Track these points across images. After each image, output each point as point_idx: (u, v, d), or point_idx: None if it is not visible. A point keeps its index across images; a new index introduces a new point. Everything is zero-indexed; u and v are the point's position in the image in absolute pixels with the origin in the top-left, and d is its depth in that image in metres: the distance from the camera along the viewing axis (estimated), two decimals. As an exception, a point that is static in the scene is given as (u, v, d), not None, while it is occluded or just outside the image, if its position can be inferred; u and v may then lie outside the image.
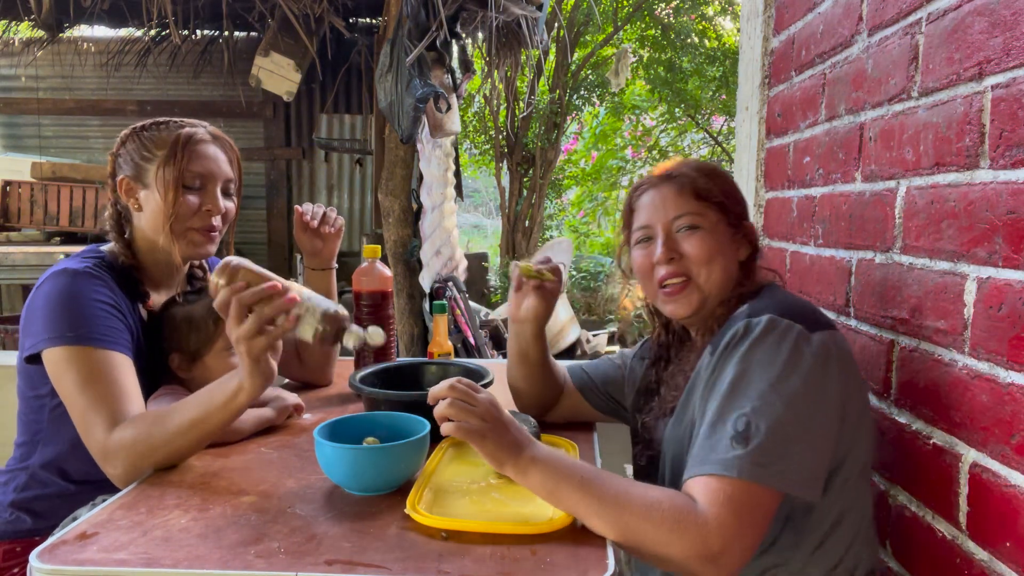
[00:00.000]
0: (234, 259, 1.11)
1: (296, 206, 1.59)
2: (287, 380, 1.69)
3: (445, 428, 0.95)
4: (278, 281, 1.10)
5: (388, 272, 1.57)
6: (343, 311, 1.15)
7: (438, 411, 0.96)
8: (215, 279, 1.09)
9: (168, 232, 1.33)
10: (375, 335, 1.17)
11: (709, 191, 1.14)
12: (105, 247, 1.39)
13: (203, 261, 1.54)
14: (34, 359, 1.23)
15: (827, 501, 0.99)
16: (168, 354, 1.35)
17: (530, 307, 1.30)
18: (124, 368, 1.21)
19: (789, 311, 0.99)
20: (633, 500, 0.90)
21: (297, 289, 1.12)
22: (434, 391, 0.99)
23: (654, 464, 1.20)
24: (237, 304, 1.07)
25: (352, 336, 1.14)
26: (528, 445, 0.97)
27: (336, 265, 1.62)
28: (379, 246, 1.59)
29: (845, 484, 1.00)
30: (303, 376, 1.66)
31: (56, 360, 1.19)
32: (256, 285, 1.08)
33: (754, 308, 1.03)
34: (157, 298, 1.40)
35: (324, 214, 1.57)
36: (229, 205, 1.41)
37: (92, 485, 1.31)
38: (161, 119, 1.39)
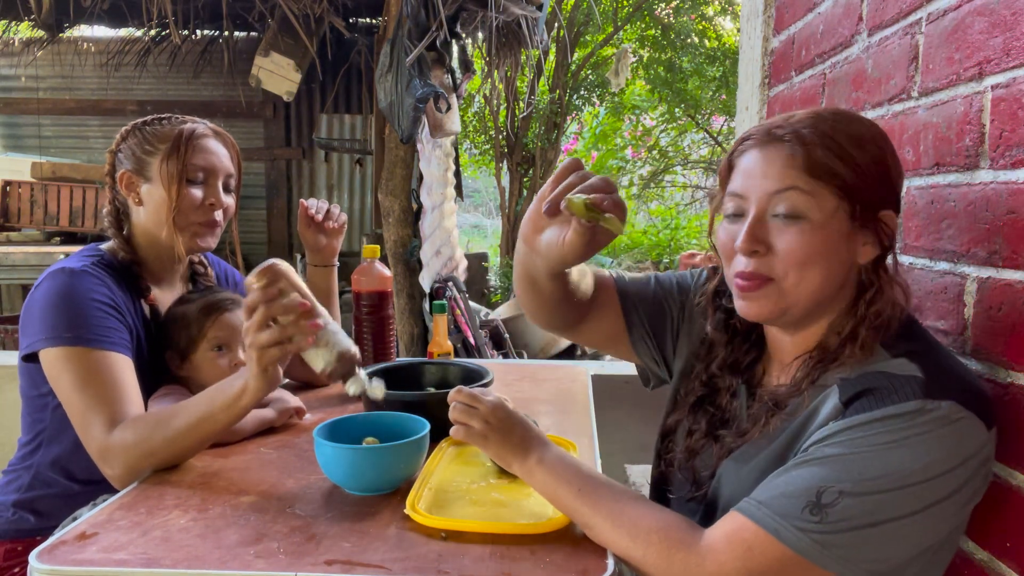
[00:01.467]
0: (279, 263, 1.08)
1: (301, 200, 1.61)
2: (287, 380, 1.69)
3: (452, 431, 0.98)
4: (310, 301, 1.07)
5: (388, 272, 1.57)
6: (357, 354, 1.12)
7: (449, 416, 0.99)
8: (251, 279, 1.07)
9: (171, 225, 1.33)
10: (376, 390, 1.14)
11: (831, 168, 0.83)
12: (104, 245, 1.39)
13: (203, 256, 1.55)
14: (32, 358, 1.23)
15: None
16: (170, 353, 1.36)
17: (565, 244, 0.89)
18: (122, 368, 1.21)
19: (973, 397, 0.78)
20: (624, 523, 0.85)
21: (324, 317, 1.09)
22: (449, 398, 1.00)
23: (696, 501, 1.00)
24: (264, 311, 1.03)
25: (356, 383, 1.11)
26: (536, 447, 0.96)
27: (337, 263, 1.63)
28: (379, 246, 1.60)
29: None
30: (303, 376, 1.66)
31: (53, 361, 1.19)
32: (288, 296, 1.05)
33: (932, 382, 0.78)
34: (159, 293, 1.40)
35: (328, 210, 1.60)
36: (229, 200, 1.42)
37: (97, 485, 1.31)
38: (162, 115, 1.41)
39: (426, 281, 4.04)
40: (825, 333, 0.90)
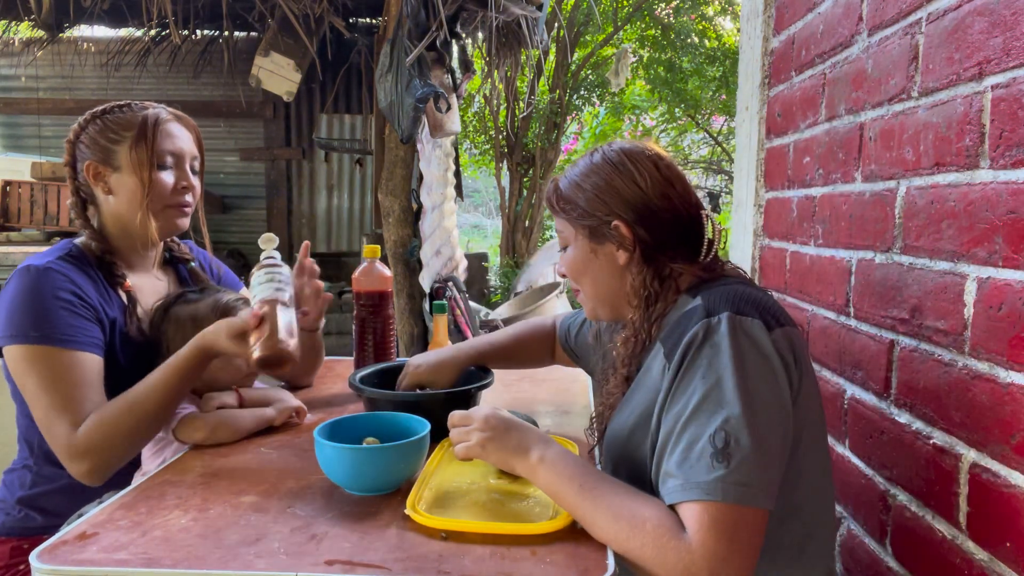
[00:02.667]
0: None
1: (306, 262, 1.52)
2: (282, 384, 1.69)
3: (455, 452, 1.04)
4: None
5: (388, 272, 1.57)
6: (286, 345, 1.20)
7: (453, 441, 1.06)
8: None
9: (145, 211, 1.35)
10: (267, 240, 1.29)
11: (557, 207, 1.13)
12: (78, 240, 1.39)
13: (179, 242, 1.57)
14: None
15: (794, 504, 0.96)
16: (171, 352, 1.34)
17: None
18: (89, 369, 1.22)
19: (747, 305, 0.95)
20: (624, 515, 0.88)
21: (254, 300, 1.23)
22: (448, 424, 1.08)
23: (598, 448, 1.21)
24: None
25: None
26: (536, 446, 0.98)
27: (320, 326, 1.59)
28: (379, 246, 1.60)
29: (803, 482, 0.97)
30: (290, 378, 1.66)
31: (18, 359, 1.20)
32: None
33: (709, 303, 0.96)
34: (135, 279, 1.40)
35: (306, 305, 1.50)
36: (197, 182, 1.45)
37: None
38: (119, 102, 1.41)
39: (426, 281, 4.03)
40: None
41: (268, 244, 1.30)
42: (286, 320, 1.20)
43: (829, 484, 1.05)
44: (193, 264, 1.56)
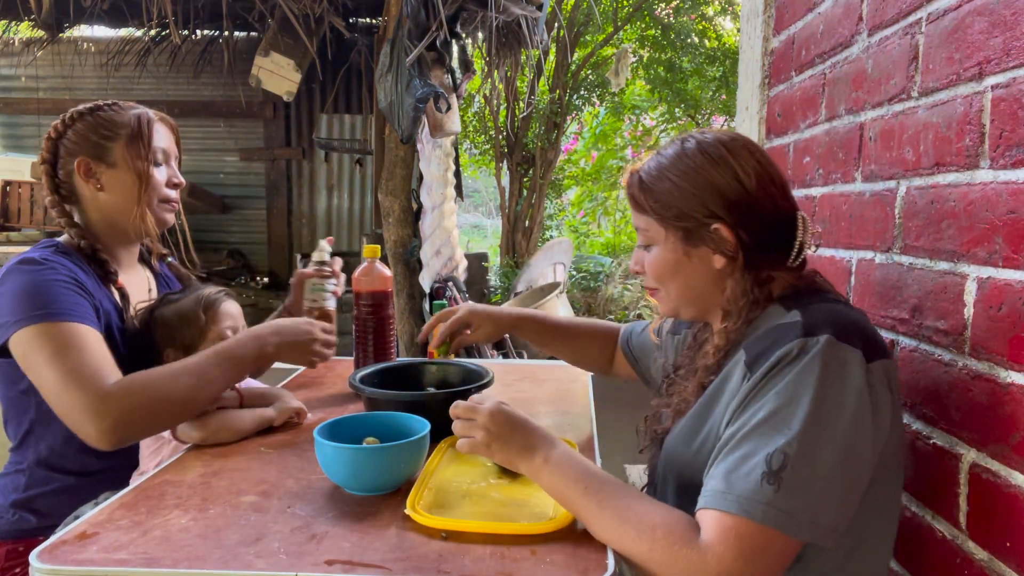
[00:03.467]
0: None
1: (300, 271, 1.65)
2: (288, 379, 1.69)
3: (457, 446, 1.02)
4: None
5: (388, 272, 1.57)
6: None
7: (453, 430, 1.03)
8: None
9: (143, 205, 1.38)
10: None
11: (643, 203, 1.03)
12: (61, 238, 1.39)
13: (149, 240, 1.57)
14: (4, 353, 1.22)
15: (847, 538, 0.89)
16: (162, 353, 1.35)
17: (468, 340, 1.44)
18: (96, 340, 1.21)
19: (850, 331, 0.88)
20: (630, 519, 0.86)
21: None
22: (451, 413, 1.04)
23: (650, 453, 1.15)
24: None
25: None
26: (541, 446, 0.97)
27: None
28: (379, 246, 1.59)
29: (867, 517, 0.92)
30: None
31: (25, 340, 1.18)
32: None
33: (810, 321, 0.89)
34: (122, 275, 1.41)
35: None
36: (182, 179, 1.50)
37: (91, 476, 1.32)
38: (104, 102, 1.43)
39: (426, 281, 4.03)
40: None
41: (323, 251, 1.57)
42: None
43: (892, 530, 0.99)
44: (171, 259, 1.60)
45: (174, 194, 1.45)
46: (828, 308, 0.93)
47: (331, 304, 1.61)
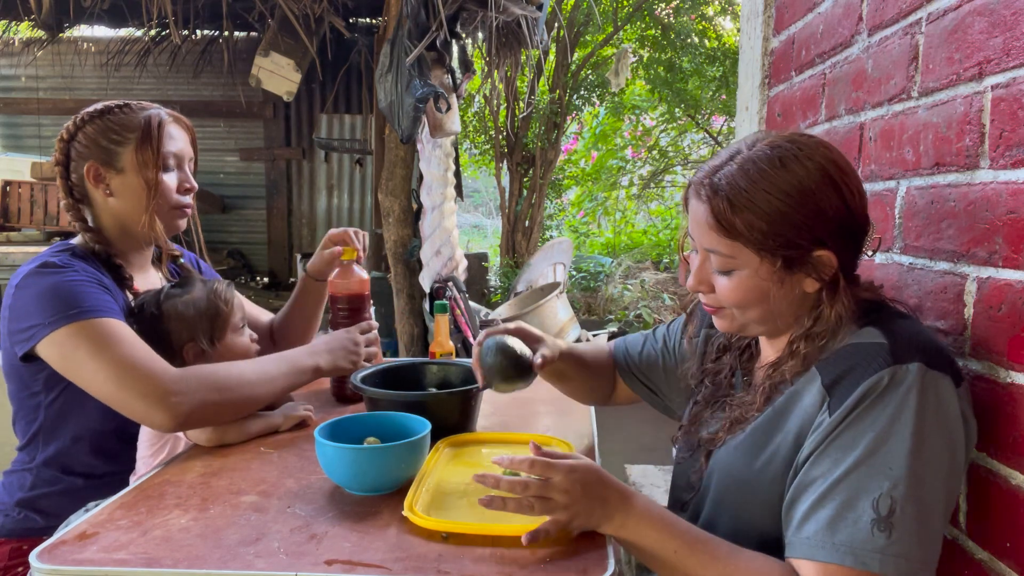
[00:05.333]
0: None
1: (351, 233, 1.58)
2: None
3: (536, 509, 0.87)
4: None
5: (365, 275, 1.55)
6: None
7: (510, 504, 0.88)
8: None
9: (151, 212, 1.35)
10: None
11: (733, 225, 0.88)
12: (75, 240, 1.38)
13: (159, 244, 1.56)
14: (28, 357, 1.21)
15: None
16: (175, 347, 1.33)
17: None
18: (132, 333, 1.22)
19: (939, 357, 0.84)
20: (721, 572, 0.82)
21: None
22: (511, 463, 0.90)
23: (691, 487, 1.06)
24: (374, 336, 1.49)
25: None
26: (622, 501, 0.88)
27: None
28: (356, 249, 1.54)
29: None
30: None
31: (62, 341, 1.17)
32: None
33: (897, 345, 0.84)
34: (138, 281, 1.40)
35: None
36: (195, 183, 1.46)
37: (97, 479, 1.32)
38: (115, 103, 1.39)
39: (426, 281, 4.03)
40: (791, 339, 0.96)
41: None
42: None
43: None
44: (182, 260, 1.57)
45: (187, 200, 1.42)
46: (912, 330, 0.88)
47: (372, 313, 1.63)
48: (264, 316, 1.71)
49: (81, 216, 1.37)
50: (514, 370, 1.09)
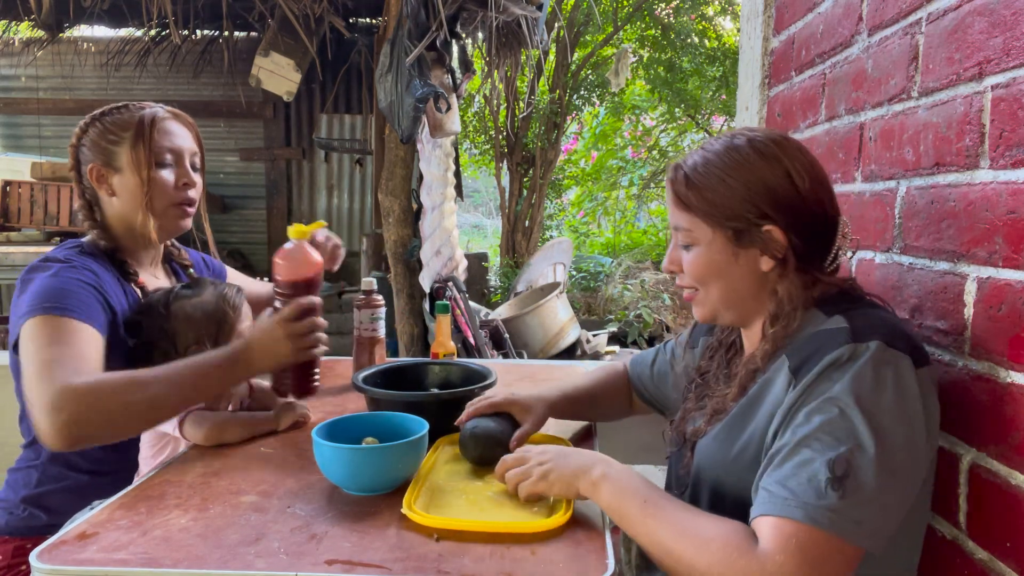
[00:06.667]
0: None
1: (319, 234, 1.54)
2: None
3: (519, 491, 1.01)
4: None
5: (316, 257, 1.31)
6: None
7: (511, 488, 1.03)
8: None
9: (146, 211, 1.35)
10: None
11: (690, 202, 0.98)
12: (85, 239, 1.40)
13: (179, 246, 1.58)
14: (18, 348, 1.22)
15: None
16: (180, 347, 1.33)
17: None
18: (90, 339, 1.19)
19: (898, 337, 0.87)
20: (688, 534, 0.84)
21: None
22: (499, 474, 1.06)
23: (678, 458, 1.12)
24: (312, 321, 1.24)
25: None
26: (597, 462, 0.97)
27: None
28: (306, 227, 1.32)
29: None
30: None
31: (27, 330, 1.17)
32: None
33: (858, 327, 0.88)
34: (144, 277, 1.42)
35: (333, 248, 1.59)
36: (198, 178, 1.44)
37: (104, 475, 1.32)
38: (117, 104, 1.41)
39: (426, 281, 4.03)
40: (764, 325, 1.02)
41: (371, 282, 1.64)
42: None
43: (916, 554, 0.98)
44: (191, 271, 1.58)
45: (188, 195, 1.41)
46: (874, 314, 0.92)
47: (381, 332, 1.65)
48: (265, 289, 1.72)
49: (92, 216, 1.40)
50: (491, 452, 1.14)
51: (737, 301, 1.01)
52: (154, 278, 1.48)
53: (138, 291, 1.39)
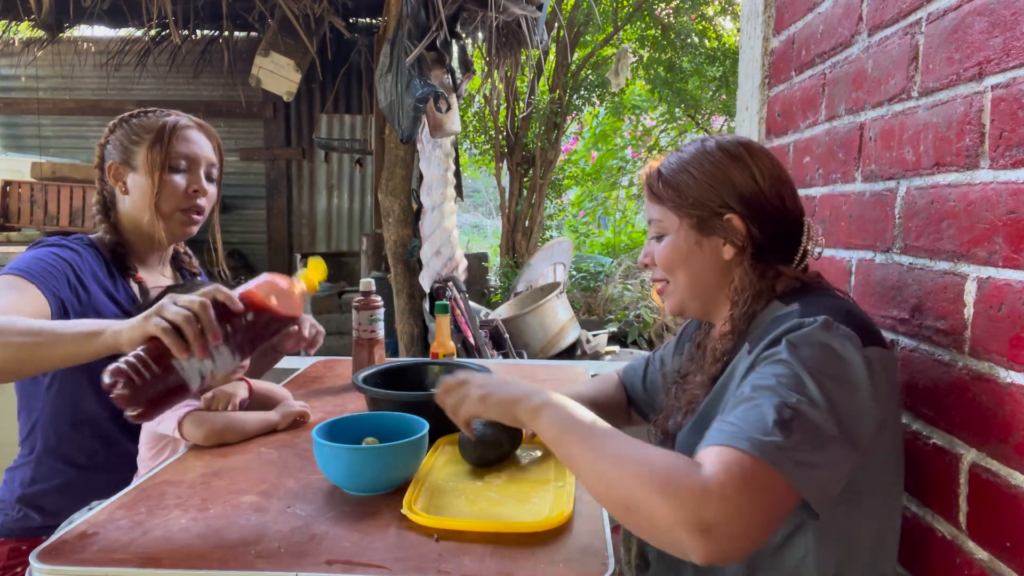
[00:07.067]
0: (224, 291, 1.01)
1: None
2: (288, 379, 1.69)
3: (458, 421, 1.03)
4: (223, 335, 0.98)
5: (300, 306, 1.11)
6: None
7: (450, 412, 1.04)
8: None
9: (154, 212, 1.39)
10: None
11: (660, 193, 1.07)
12: (93, 235, 1.44)
13: (190, 253, 1.61)
14: None
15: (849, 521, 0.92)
16: None
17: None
18: (27, 295, 1.20)
19: (844, 316, 0.90)
20: (629, 459, 0.82)
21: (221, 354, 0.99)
22: (440, 399, 1.06)
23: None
24: (195, 304, 0.96)
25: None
26: (538, 391, 0.97)
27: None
28: (316, 280, 1.13)
29: (863, 509, 0.93)
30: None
31: None
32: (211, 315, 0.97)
33: (807, 310, 0.93)
34: (145, 274, 1.45)
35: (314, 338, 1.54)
36: (212, 188, 1.48)
37: (96, 471, 1.32)
38: (147, 108, 1.46)
39: (426, 281, 4.03)
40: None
41: (370, 283, 1.61)
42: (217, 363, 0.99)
43: (893, 536, 0.99)
44: (200, 278, 1.60)
45: (197, 203, 1.44)
46: (829, 301, 0.96)
47: (380, 333, 1.65)
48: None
49: (106, 213, 1.44)
50: (491, 454, 1.16)
51: (702, 290, 1.07)
52: (162, 276, 1.51)
53: (134, 286, 1.41)
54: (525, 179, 7.87)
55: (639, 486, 0.79)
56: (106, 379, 0.91)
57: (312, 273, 1.11)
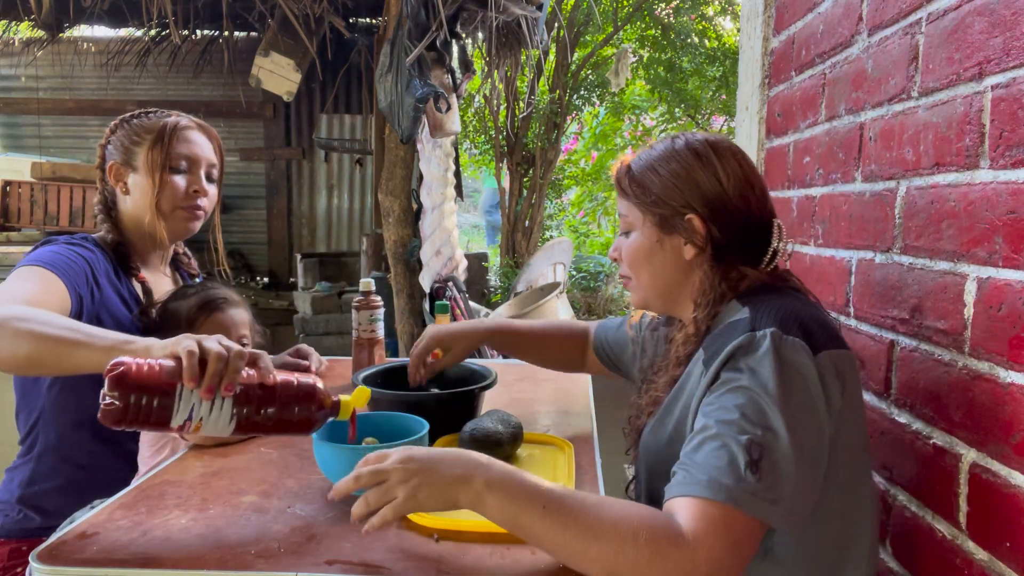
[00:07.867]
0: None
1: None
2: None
3: (373, 522, 0.83)
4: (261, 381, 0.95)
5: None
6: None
7: (356, 512, 0.84)
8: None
9: (155, 211, 1.40)
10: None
11: (626, 188, 1.09)
12: (95, 235, 1.45)
13: (190, 254, 1.62)
14: None
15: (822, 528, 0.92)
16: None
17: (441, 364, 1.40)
18: (54, 288, 1.20)
19: (790, 323, 0.91)
20: (606, 531, 0.78)
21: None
22: (339, 488, 0.87)
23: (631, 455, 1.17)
24: (230, 351, 0.91)
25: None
26: (477, 469, 0.84)
27: None
28: (366, 397, 1.07)
29: (834, 511, 0.93)
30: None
31: (11, 274, 1.22)
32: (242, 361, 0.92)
33: (756, 317, 0.93)
34: (147, 274, 1.46)
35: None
36: (212, 189, 1.48)
37: (95, 471, 1.33)
38: (149, 109, 1.48)
39: (426, 281, 4.03)
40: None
41: (370, 283, 1.62)
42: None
43: (866, 517, 0.97)
44: (199, 279, 1.62)
45: (197, 203, 1.45)
46: (775, 303, 0.96)
47: (380, 333, 1.65)
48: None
49: (108, 213, 1.45)
50: (490, 454, 1.07)
51: (663, 288, 1.08)
52: (164, 275, 1.52)
53: (137, 286, 1.42)
54: (525, 179, 7.87)
55: (625, 562, 0.77)
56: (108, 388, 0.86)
57: (352, 401, 1.03)
